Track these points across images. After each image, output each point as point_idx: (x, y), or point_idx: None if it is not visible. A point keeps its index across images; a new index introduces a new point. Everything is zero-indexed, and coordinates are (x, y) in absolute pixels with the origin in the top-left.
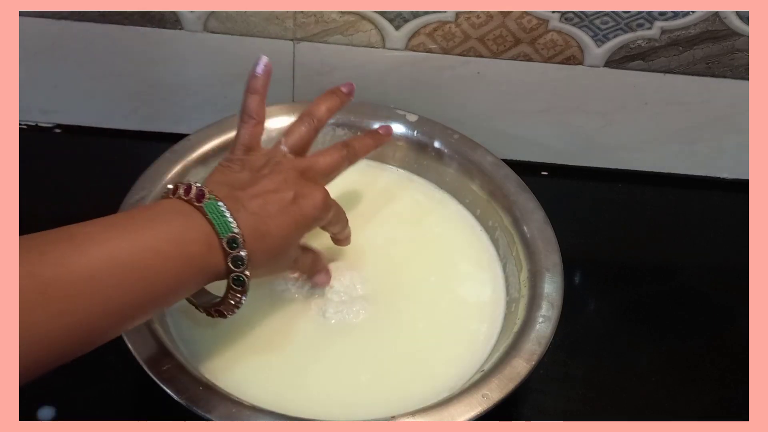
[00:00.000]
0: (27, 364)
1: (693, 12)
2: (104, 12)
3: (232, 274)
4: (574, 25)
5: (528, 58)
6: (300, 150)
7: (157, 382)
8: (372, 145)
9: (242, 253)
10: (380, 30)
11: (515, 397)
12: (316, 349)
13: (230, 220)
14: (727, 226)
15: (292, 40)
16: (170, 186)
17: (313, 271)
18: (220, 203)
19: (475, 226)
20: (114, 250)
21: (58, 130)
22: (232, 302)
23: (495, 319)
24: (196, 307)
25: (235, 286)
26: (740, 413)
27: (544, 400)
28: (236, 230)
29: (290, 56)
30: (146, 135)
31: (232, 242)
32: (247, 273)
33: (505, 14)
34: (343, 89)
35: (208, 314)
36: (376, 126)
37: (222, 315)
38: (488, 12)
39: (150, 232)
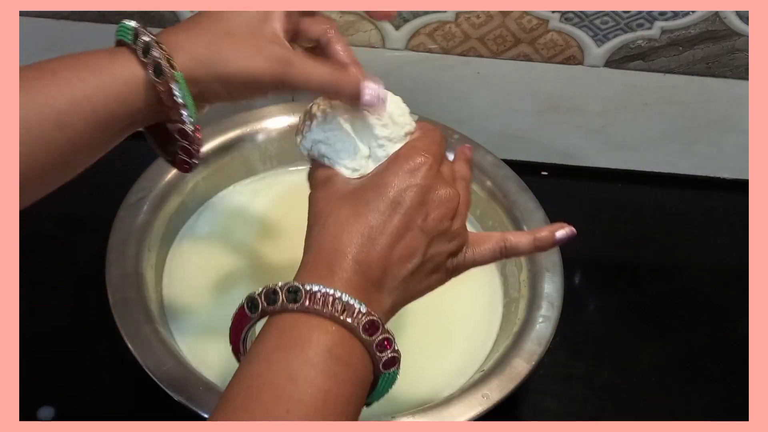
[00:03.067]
0: None
1: (693, 12)
2: (104, 12)
3: (150, 67)
4: (574, 25)
5: (528, 58)
6: None
7: (157, 382)
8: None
9: (146, 38)
10: (380, 30)
11: (515, 397)
12: None
13: (128, 23)
14: (727, 226)
15: None
16: None
17: (334, 85)
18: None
19: (475, 226)
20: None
21: None
22: (174, 111)
23: (494, 319)
24: (171, 163)
25: (157, 78)
26: (740, 413)
27: (544, 400)
28: (132, 23)
29: None
30: None
31: (133, 36)
32: (159, 53)
33: (505, 14)
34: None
35: (177, 165)
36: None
37: (186, 154)
38: (488, 12)
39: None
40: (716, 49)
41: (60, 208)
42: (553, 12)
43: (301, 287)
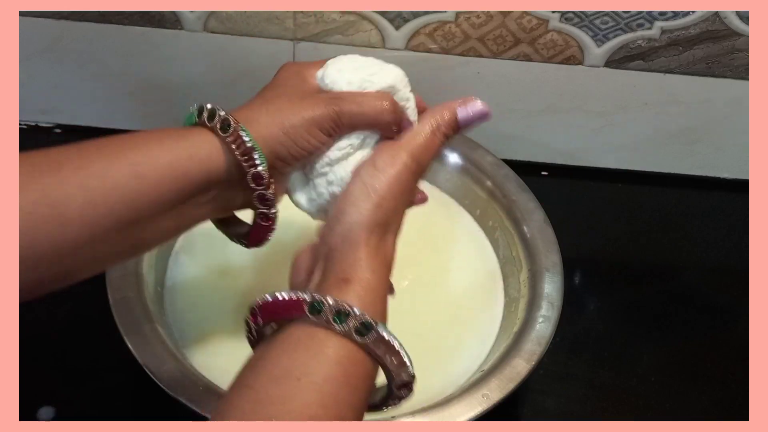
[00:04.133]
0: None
1: (693, 12)
2: (104, 12)
3: (218, 125)
4: (574, 25)
5: (528, 58)
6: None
7: (157, 382)
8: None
9: (209, 106)
10: (380, 30)
11: (515, 397)
12: None
13: (213, 107)
14: (727, 226)
15: (292, 40)
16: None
17: (384, 109)
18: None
19: (475, 226)
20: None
21: (58, 130)
22: (247, 158)
23: (493, 319)
24: (231, 239)
25: (224, 133)
26: (740, 413)
27: (544, 400)
28: (214, 107)
29: (290, 56)
30: None
31: (197, 113)
32: (224, 113)
33: (505, 14)
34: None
35: (255, 232)
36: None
37: (263, 203)
38: (488, 12)
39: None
40: (716, 49)
41: None
42: (553, 12)
43: (375, 328)
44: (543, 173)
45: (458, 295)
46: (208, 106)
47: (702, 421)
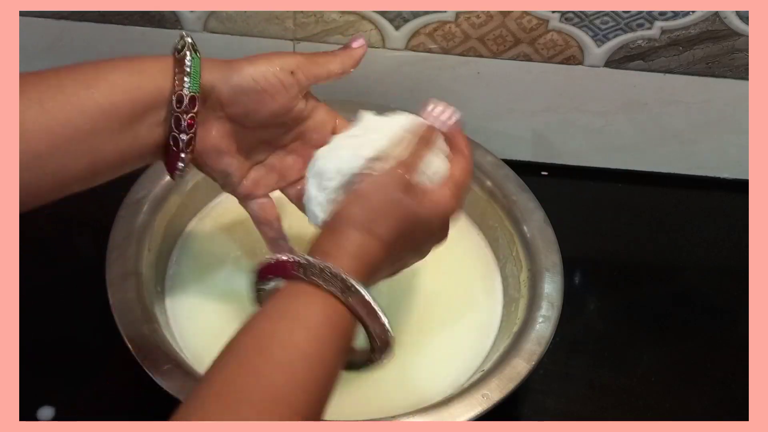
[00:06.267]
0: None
1: (693, 12)
2: (104, 12)
3: (177, 47)
4: (574, 25)
5: (528, 58)
6: None
7: (157, 382)
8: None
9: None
10: (380, 30)
11: (515, 397)
12: None
13: (189, 38)
14: (727, 226)
15: (292, 40)
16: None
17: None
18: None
19: (475, 226)
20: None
21: None
22: (179, 79)
23: (494, 319)
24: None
25: (176, 76)
26: (740, 413)
27: (544, 400)
28: (189, 39)
29: None
30: None
31: (187, 48)
32: (190, 39)
33: (505, 14)
34: None
35: (170, 159)
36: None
37: (177, 127)
38: (488, 12)
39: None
40: (716, 49)
41: (60, 208)
42: (553, 12)
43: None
44: (543, 173)
45: (458, 296)
46: (188, 37)
47: (702, 421)
